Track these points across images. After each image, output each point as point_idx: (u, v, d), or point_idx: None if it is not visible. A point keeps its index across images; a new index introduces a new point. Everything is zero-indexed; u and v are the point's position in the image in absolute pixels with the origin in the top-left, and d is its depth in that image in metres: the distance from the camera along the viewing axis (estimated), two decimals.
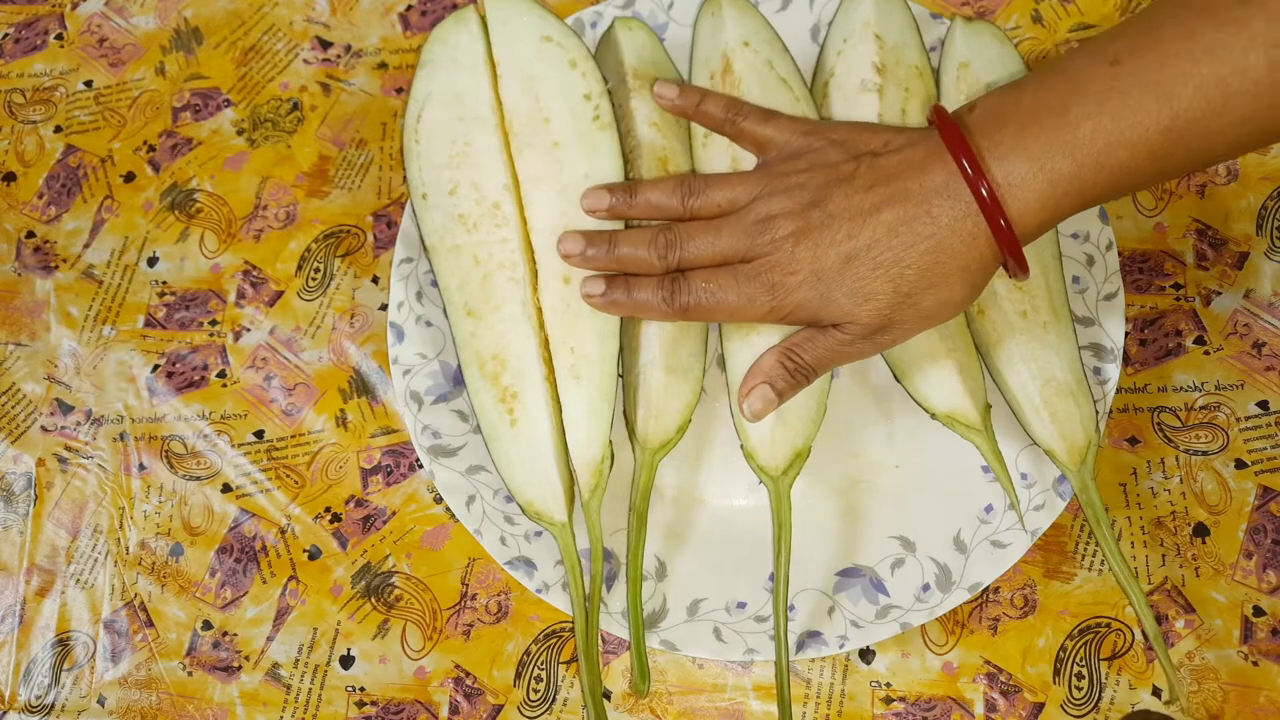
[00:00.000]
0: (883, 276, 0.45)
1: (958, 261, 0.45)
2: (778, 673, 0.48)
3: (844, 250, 0.46)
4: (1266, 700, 0.53)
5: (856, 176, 0.47)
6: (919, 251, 0.44)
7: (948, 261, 0.45)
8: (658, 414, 0.52)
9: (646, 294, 0.49)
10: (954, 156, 0.44)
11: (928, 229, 0.44)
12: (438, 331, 0.57)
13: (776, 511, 0.50)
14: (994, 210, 0.43)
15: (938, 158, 0.45)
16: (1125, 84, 0.41)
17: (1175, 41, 0.41)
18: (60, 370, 0.64)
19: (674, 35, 0.60)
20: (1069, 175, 0.43)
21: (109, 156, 0.69)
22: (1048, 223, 0.44)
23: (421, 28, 0.69)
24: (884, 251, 0.45)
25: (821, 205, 0.47)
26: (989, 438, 0.51)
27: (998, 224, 0.43)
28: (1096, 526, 0.50)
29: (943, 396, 0.52)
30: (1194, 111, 0.41)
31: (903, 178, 0.45)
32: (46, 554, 0.61)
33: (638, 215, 0.52)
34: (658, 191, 0.51)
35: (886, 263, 0.45)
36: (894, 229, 0.45)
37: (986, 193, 0.43)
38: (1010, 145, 0.43)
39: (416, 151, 0.54)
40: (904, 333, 0.47)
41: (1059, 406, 0.51)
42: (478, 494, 0.54)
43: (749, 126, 0.52)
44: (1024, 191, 0.43)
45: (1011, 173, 0.43)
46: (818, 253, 0.46)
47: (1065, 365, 0.52)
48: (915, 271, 0.45)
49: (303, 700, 0.57)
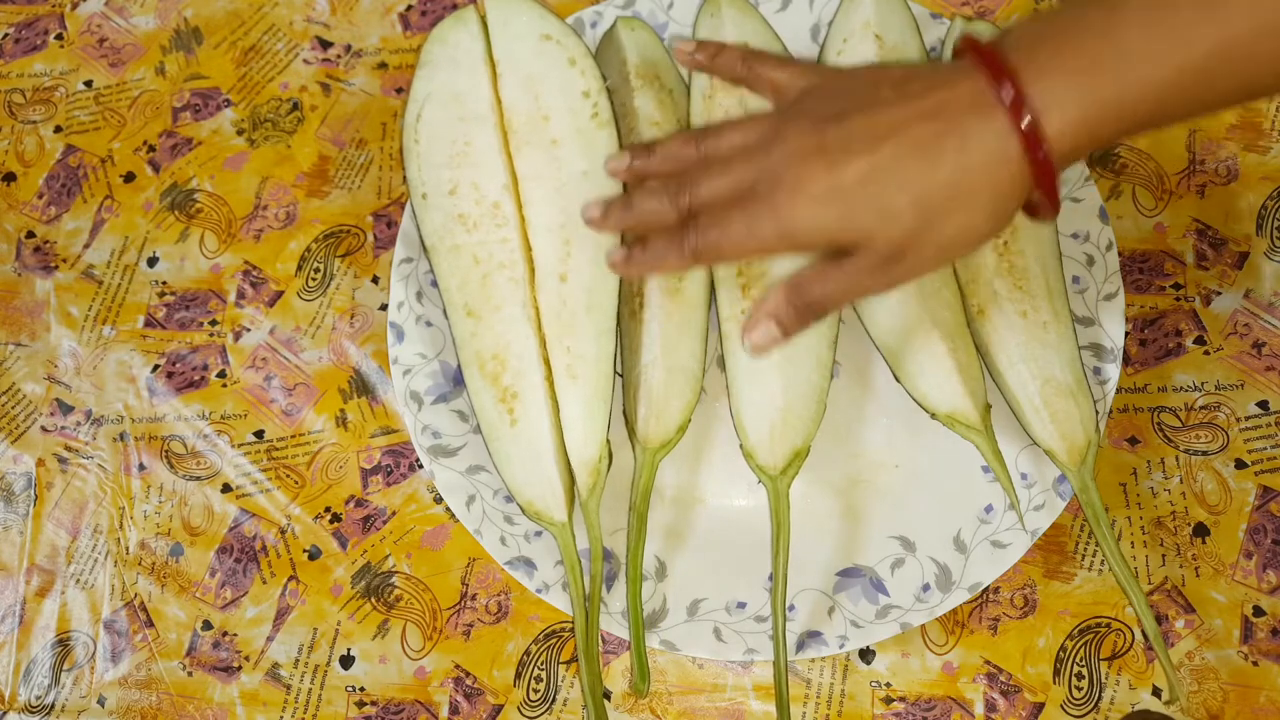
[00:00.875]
0: (907, 193, 0.42)
1: (987, 182, 0.41)
2: (776, 673, 0.48)
3: (865, 165, 0.42)
4: (1266, 700, 0.53)
5: (879, 98, 0.43)
6: (947, 169, 0.41)
7: (976, 183, 0.41)
8: (658, 414, 0.52)
9: (660, 245, 0.47)
10: (987, 75, 0.41)
11: (956, 148, 0.41)
12: (438, 331, 0.57)
13: (775, 511, 0.50)
14: (1030, 132, 0.40)
15: (969, 78, 0.41)
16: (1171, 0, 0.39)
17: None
18: (60, 370, 0.64)
19: (674, 35, 0.60)
20: (1110, 97, 0.40)
21: (109, 156, 0.69)
22: (1084, 147, 0.41)
23: (421, 28, 0.69)
24: (909, 167, 0.42)
25: (840, 123, 0.43)
26: (989, 438, 0.51)
27: (1033, 144, 0.40)
28: (1096, 526, 0.50)
29: (943, 396, 0.52)
30: (1244, 31, 0.38)
31: (930, 97, 0.42)
32: (46, 554, 0.61)
33: (657, 169, 0.49)
34: (673, 142, 0.49)
35: (911, 179, 0.41)
36: (920, 145, 0.42)
37: (1024, 114, 0.40)
38: (1047, 63, 0.40)
39: (416, 151, 0.54)
40: (921, 263, 0.44)
41: (1059, 406, 0.51)
42: (478, 494, 0.54)
43: (764, 71, 0.49)
44: (1061, 111, 0.40)
45: (1048, 91, 0.40)
46: (835, 168, 0.42)
47: (1065, 365, 0.52)
48: (941, 191, 0.41)
49: (303, 700, 0.57)
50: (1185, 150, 0.62)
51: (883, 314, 0.53)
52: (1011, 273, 0.54)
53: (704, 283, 0.54)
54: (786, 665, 0.49)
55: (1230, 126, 0.63)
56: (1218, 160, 0.62)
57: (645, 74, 0.56)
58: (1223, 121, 0.63)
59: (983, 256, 0.54)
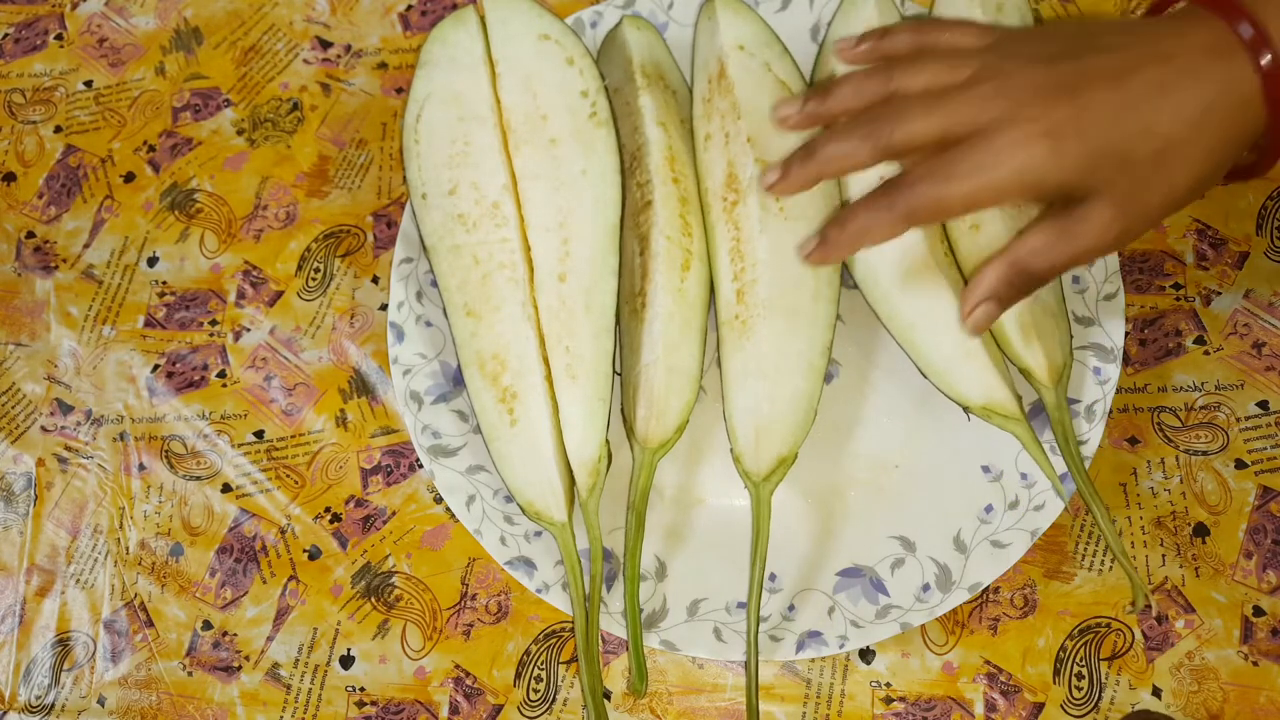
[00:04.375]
0: (1151, 141, 0.39)
1: (1226, 133, 0.39)
2: (748, 677, 0.49)
3: (1113, 100, 0.39)
4: (1266, 700, 0.53)
5: (1105, 41, 0.40)
6: (1189, 117, 0.39)
7: (1216, 133, 0.39)
8: (659, 414, 0.52)
9: (863, 214, 0.42)
10: (1222, 14, 0.39)
11: (1199, 92, 0.39)
12: (438, 331, 0.57)
13: (756, 517, 0.50)
14: (1270, 68, 0.38)
15: (1200, 20, 0.39)
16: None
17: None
18: (60, 370, 0.64)
19: (674, 35, 0.60)
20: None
21: (109, 156, 0.69)
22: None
23: (421, 28, 0.69)
24: (1154, 112, 0.39)
25: (1071, 61, 0.40)
26: (1027, 426, 0.51)
27: (1273, 80, 0.38)
28: (1064, 445, 0.50)
29: (979, 389, 0.52)
30: None
31: (1162, 39, 0.40)
32: (46, 554, 0.61)
33: (836, 107, 0.44)
34: (856, 76, 0.43)
35: (1158, 125, 0.39)
36: (1164, 88, 0.39)
37: (1262, 49, 0.38)
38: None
39: (416, 151, 0.54)
40: (1145, 219, 0.41)
41: (1044, 325, 0.52)
42: (478, 494, 0.54)
43: (946, 37, 0.44)
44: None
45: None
46: (1079, 101, 0.39)
47: (1050, 289, 0.53)
48: (1182, 140, 0.39)
49: (303, 700, 0.57)
50: None
51: (907, 308, 0.53)
52: None
53: (704, 283, 0.54)
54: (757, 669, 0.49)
55: None
56: None
57: (650, 73, 0.57)
58: None
59: None
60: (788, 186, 0.44)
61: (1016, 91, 0.40)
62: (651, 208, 0.54)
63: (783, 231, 0.53)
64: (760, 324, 0.52)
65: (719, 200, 0.55)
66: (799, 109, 0.45)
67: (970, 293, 0.43)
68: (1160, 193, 0.40)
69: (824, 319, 0.53)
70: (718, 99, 0.55)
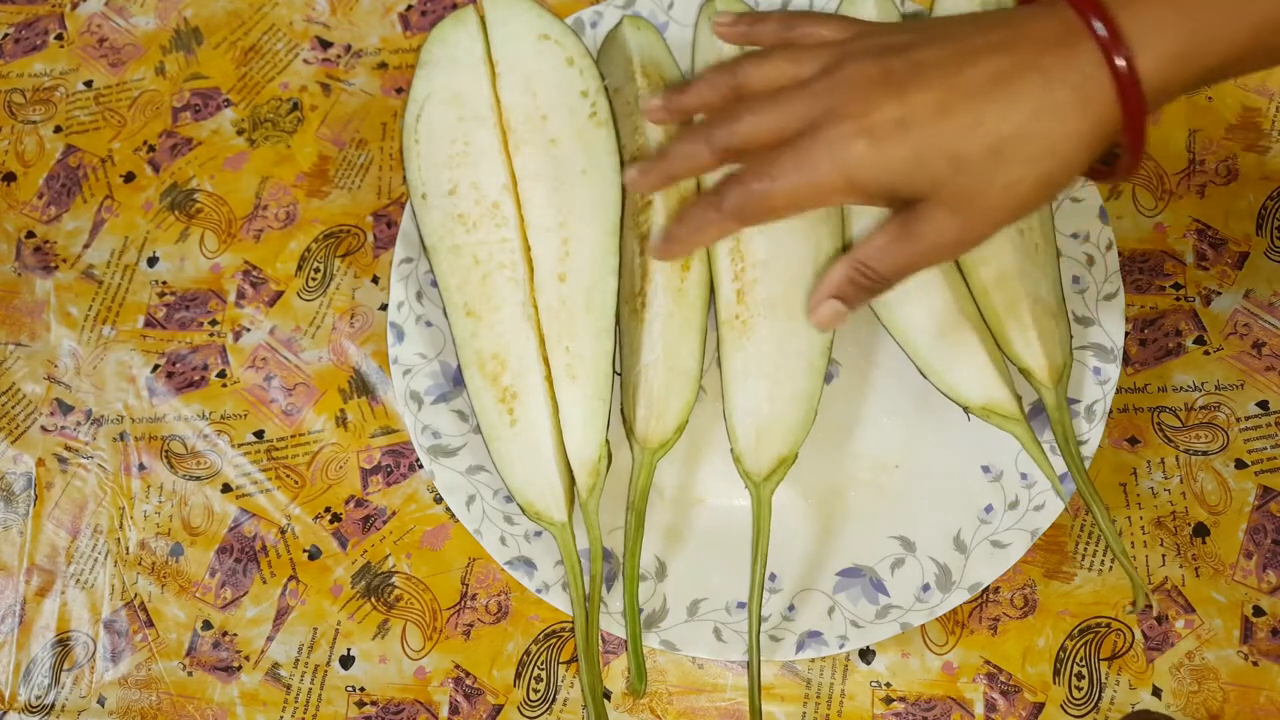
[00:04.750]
0: (983, 137, 0.37)
1: (1068, 128, 0.37)
2: (750, 676, 0.49)
3: (938, 97, 0.37)
4: (1266, 700, 0.53)
5: (949, 31, 0.39)
6: (1026, 111, 0.37)
7: (1057, 128, 0.37)
8: (659, 414, 0.52)
9: (696, 212, 0.42)
10: (1073, 5, 0.37)
11: (1038, 84, 0.37)
12: (438, 331, 0.57)
13: (756, 517, 0.50)
14: (1124, 66, 0.36)
15: (1051, 10, 0.37)
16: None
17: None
18: (60, 370, 0.64)
19: (674, 35, 0.60)
20: (1205, 31, 0.36)
21: (109, 156, 0.69)
22: (1174, 88, 0.37)
23: (421, 28, 0.69)
24: (986, 106, 0.37)
25: (905, 54, 0.38)
26: (1027, 426, 0.51)
27: (1127, 82, 0.36)
28: (1064, 445, 0.50)
29: (979, 389, 0.52)
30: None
31: (1007, 29, 0.38)
32: (46, 554, 0.61)
33: (693, 101, 0.45)
34: (711, 71, 0.44)
35: (988, 117, 0.37)
36: (998, 80, 0.37)
37: (1118, 52, 0.36)
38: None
39: (416, 151, 0.54)
40: (992, 217, 0.39)
41: (1045, 325, 0.52)
42: (478, 494, 0.54)
43: (812, 29, 0.44)
44: (1157, 42, 0.36)
45: (1143, 21, 0.36)
46: (905, 98, 0.37)
47: (1050, 288, 0.53)
48: (1019, 135, 0.37)
49: (303, 700, 0.57)
50: (1185, 150, 0.62)
51: (906, 308, 0.53)
52: None
53: (704, 283, 0.54)
54: (760, 669, 0.49)
55: (1230, 126, 0.63)
56: (1218, 160, 0.62)
57: (650, 73, 0.56)
58: (1223, 121, 0.63)
59: None
60: (643, 185, 0.45)
61: (846, 88, 0.39)
62: (651, 207, 0.54)
63: (783, 232, 0.53)
64: (761, 324, 0.52)
65: None
66: (662, 103, 0.46)
67: (817, 290, 0.43)
68: (1000, 192, 0.38)
69: None
70: None
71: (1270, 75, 0.63)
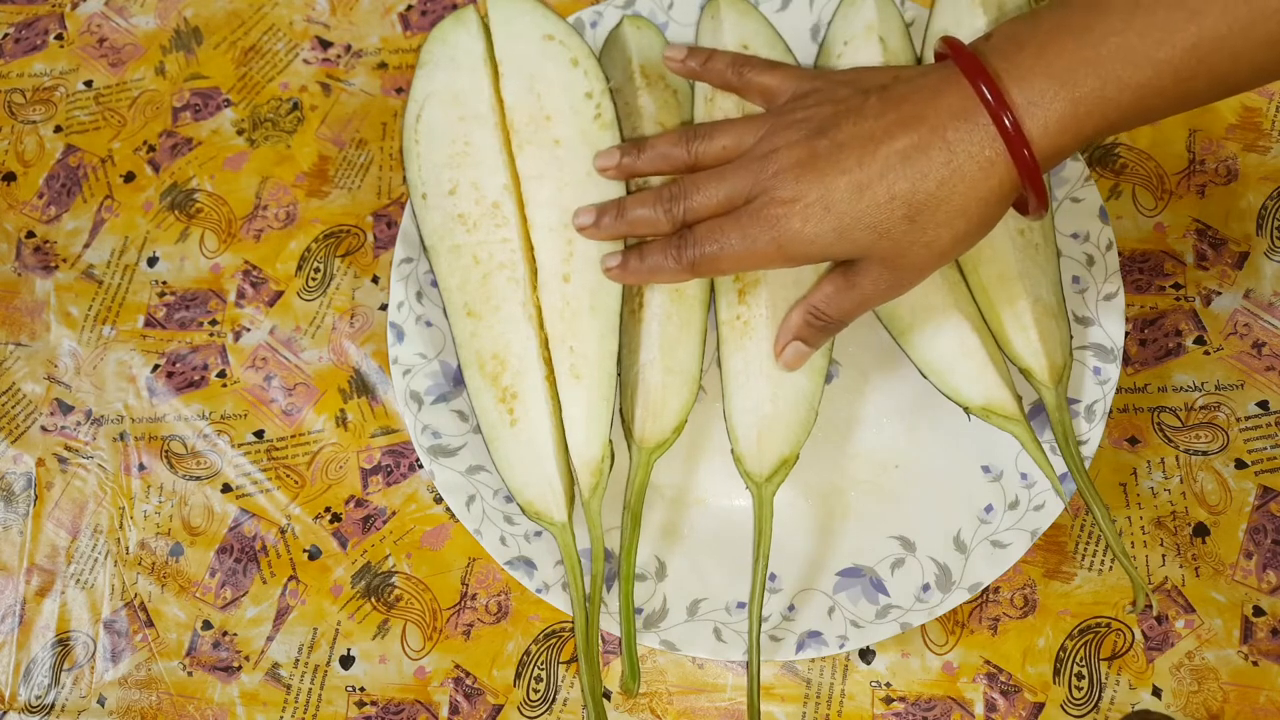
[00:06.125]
0: (898, 208, 0.43)
1: (975, 192, 0.43)
2: (750, 677, 0.48)
3: (855, 179, 0.43)
4: (1266, 700, 0.53)
5: (866, 107, 0.44)
6: (935, 181, 0.42)
7: (965, 192, 0.42)
8: (655, 414, 0.52)
9: (657, 256, 0.49)
10: (970, 80, 0.42)
11: (943, 156, 0.42)
12: (438, 331, 0.57)
13: (758, 518, 0.50)
14: (1014, 134, 0.41)
15: (952, 83, 0.43)
16: (1150, 2, 0.40)
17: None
18: (60, 370, 0.64)
19: (674, 35, 0.60)
20: (1092, 94, 0.41)
21: (109, 156, 0.69)
22: (1069, 146, 0.42)
23: (421, 28, 0.69)
24: (898, 180, 0.43)
25: (829, 134, 0.44)
26: (1027, 426, 0.51)
27: (1018, 149, 0.41)
28: (1064, 445, 0.51)
29: (979, 389, 0.52)
30: (1220, 29, 0.40)
31: (915, 103, 0.43)
32: (46, 554, 0.61)
33: (646, 168, 0.51)
34: (664, 142, 0.51)
35: (901, 193, 0.43)
36: (908, 156, 0.43)
37: (1007, 117, 0.41)
38: (1030, 66, 0.41)
39: (416, 151, 0.54)
40: (919, 270, 0.45)
41: (1046, 325, 0.52)
42: (478, 494, 0.54)
43: (754, 77, 0.51)
44: (1045, 111, 0.41)
45: (1031, 93, 0.41)
46: (826, 182, 0.44)
47: (1051, 288, 0.53)
48: (932, 199, 0.43)
49: (303, 700, 0.57)
50: (1185, 150, 0.62)
51: (906, 311, 0.53)
52: None
53: (704, 284, 0.54)
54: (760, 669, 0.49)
55: (1230, 126, 0.63)
56: (1218, 160, 0.62)
57: (650, 74, 0.56)
58: (1223, 121, 0.63)
59: None
60: (596, 234, 0.51)
61: (780, 169, 0.45)
62: None
63: None
64: (762, 324, 0.52)
65: None
66: (616, 162, 0.51)
67: (779, 335, 0.50)
68: (922, 249, 0.44)
69: None
70: (720, 98, 0.55)
71: None
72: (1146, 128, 0.63)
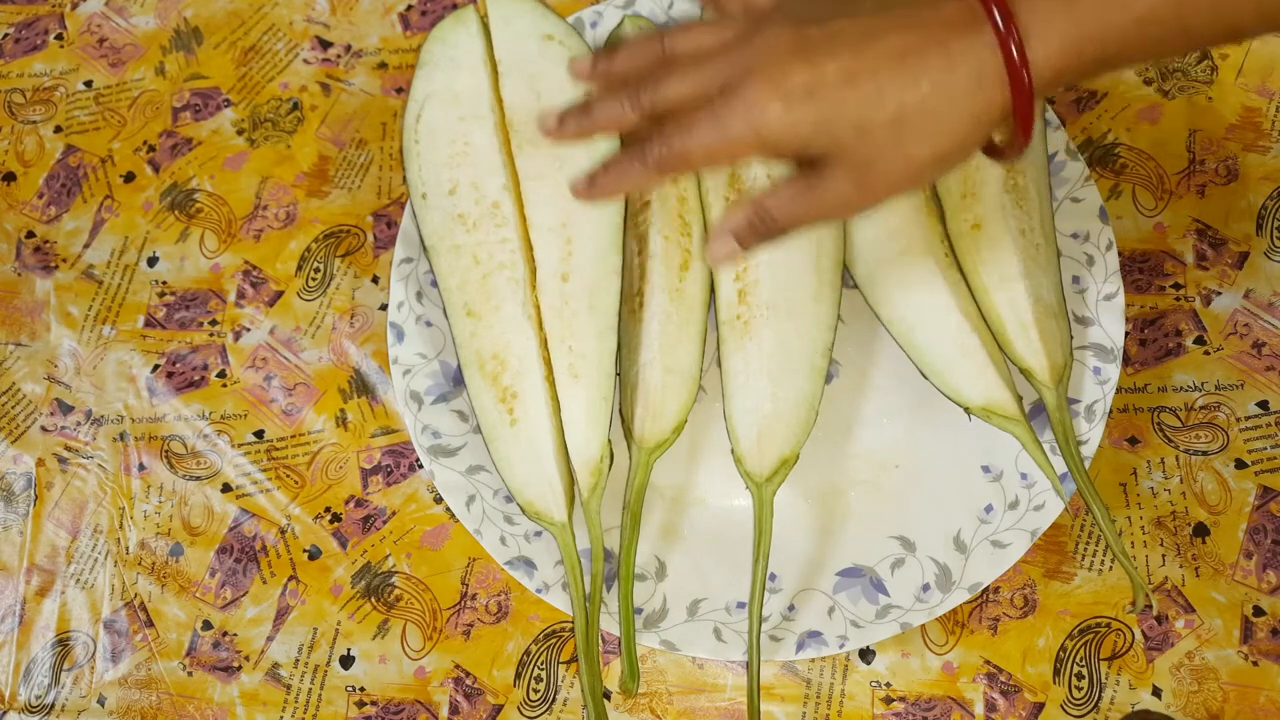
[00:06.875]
0: (886, 103, 0.40)
1: (966, 104, 0.40)
2: (750, 676, 0.48)
3: (846, 66, 0.40)
4: (1266, 700, 0.53)
5: (862, 9, 0.41)
6: (928, 84, 0.40)
7: (955, 103, 0.40)
8: (655, 414, 0.52)
9: (622, 161, 0.45)
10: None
11: (941, 63, 0.40)
12: (438, 331, 0.57)
13: (758, 518, 0.50)
14: (1016, 51, 0.39)
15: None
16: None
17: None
18: (60, 370, 0.64)
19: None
20: (1094, 24, 0.39)
21: (109, 156, 0.69)
22: (1064, 75, 0.40)
23: (421, 28, 0.69)
24: (891, 79, 0.40)
25: (821, 23, 0.41)
26: (1027, 426, 0.51)
27: (1016, 67, 0.39)
28: (1064, 445, 0.51)
29: (979, 389, 0.52)
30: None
31: (917, 9, 0.41)
32: (46, 554, 0.61)
33: (621, 68, 0.47)
34: (638, 39, 0.47)
35: (891, 90, 0.40)
36: (903, 56, 0.40)
37: (1013, 35, 0.39)
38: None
39: (416, 151, 0.54)
40: (889, 184, 0.42)
41: (1046, 326, 0.52)
42: (478, 494, 0.54)
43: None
44: (1048, 35, 0.39)
45: (1037, 14, 0.39)
46: (814, 66, 0.40)
47: (1051, 288, 0.53)
48: (920, 106, 0.40)
49: (303, 700, 0.57)
50: (1185, 150, 0.62)
51: (907, 308, 0.53)
52: (1014, 190, 0.54)
53: (704, 283, 0.54)
54: (759, 669, 0.49)
55: (1230, 126, 0.63)
56: (1218, 160, 0.62)
57: None
58: (1223, 121, 0.63)
59: (990, 170, 0.54)
60: (563, 135, 0.47)
61: (763, 54, 0.41)
62: (650, 207, 0.54)
63: None
64: (762, 324, 0.52)
65: (720, 199, 0.55)
66: (590, 67, 0.48)
67: (717, 227, 0.45)
68: (898, 162, 0.41)
69: (825, 319, 0.53)
70: None
71: (1270, 75, 0.63)
72: (1147, 127, 0.63)
